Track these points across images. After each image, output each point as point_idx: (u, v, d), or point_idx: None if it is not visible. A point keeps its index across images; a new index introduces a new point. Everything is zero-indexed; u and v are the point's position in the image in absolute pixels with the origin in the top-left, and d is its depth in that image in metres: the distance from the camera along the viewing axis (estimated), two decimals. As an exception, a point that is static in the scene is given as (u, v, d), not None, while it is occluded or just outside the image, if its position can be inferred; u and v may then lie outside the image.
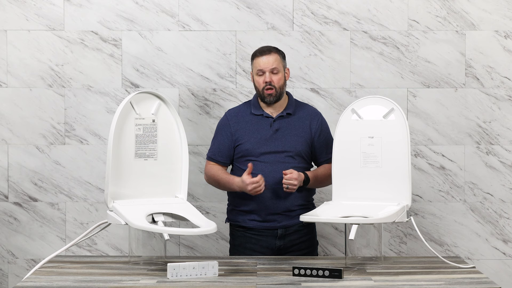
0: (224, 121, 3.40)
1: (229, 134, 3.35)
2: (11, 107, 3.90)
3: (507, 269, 3.93)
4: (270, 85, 3.28)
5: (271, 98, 3.30)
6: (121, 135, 2.97)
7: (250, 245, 3.32)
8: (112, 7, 3.89)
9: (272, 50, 3.32)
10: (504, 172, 3.92)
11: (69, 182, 3.91)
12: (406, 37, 3.90)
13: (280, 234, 3.31)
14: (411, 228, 3.90)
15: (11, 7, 3.88)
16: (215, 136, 3.41)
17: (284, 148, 3.30)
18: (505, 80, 3.91)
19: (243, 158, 3.32)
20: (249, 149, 3.30)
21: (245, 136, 3.33)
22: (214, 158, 3.37)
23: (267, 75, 3.28)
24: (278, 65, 3.30)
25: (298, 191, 3.28)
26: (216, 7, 3.89)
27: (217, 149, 3.37)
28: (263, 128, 3.33)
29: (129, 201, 2.96)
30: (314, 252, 3.40)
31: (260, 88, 3.30)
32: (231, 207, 3.40)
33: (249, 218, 3.32)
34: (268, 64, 3.28)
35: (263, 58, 3.29)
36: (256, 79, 3.31)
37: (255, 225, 3.31)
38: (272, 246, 3.31)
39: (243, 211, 3.33)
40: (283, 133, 3.32)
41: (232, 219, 3.39)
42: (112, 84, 3.89)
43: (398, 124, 3.05)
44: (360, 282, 2.66)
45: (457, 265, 2.91)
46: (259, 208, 3.28)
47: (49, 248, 3.89)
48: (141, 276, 2.75)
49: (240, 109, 3.41)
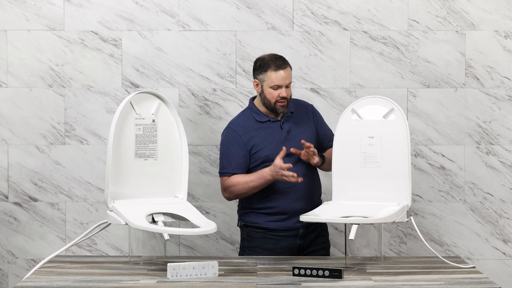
0: (232, 134, 3.34)
1: (243, 145, 3.30)
2: (11, 107, 3.90)
3: (507, 269, 3.93)
4: (285, 98, 3.28)
5: (284, 109, 3.31)
6: (121, 135, 2.98)
7: (269, 246, 3.31)
8: (112, 7, 3.89)
9: (287, 64, 3.30)
10: (504, 172, 3.92)
11: (69, 182, 3.91)
12: (406, 37, 3.90)
13: (302, 233, 3.31)
14: (411, 228, 3.90)
15: (11, 7, 3.87)
16: (226, 152, 3.33)
17: (299, 147, 3.30)
18: (505, 80, 3.91)
19: (262, 164, 3.29)
20: (268, 155, 3.28)
21: (260, 143, 3.31)
22: (235, 173, 3.29)
23: (284, 90, 3.27)
24: (291, 78, 3.31)
25: (317, 187, 3.34)
26: (216, 7, 3.89)
27: (234, 163, 3.30)
28: (275, 132, 3.33)
29: (129, 201, 2.96)
30: (327, 249, 3.43)
31: (273, 101, 3.28)
32: (247, 210, 3.37)
33: (270, 219, 3.31)
34: (285, 80, 3.27)
35: (281, 73, 3.26)
36: (269, 91, 3.27)
37: (277, 226, 3.31)
38: (293, 245, 3.31)
39: (263, 213, 3.32)
40: (295, 133, 3.34)
41: (249, 221, 3.36)
42: (112, 84, 3.89)
43: (398, 124, 3.05)
44: (360, 282, 2.66)
45: (457, 265, 2.91)
46: (283, 210, 3.29)
47: (49, 248, 3.89)
48: (141, 276, 2.75)
49: (243, 119, 3.38)
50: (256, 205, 3.33)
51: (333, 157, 3.13)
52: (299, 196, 3.30)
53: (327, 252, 3.43)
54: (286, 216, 3.30)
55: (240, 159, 3.30)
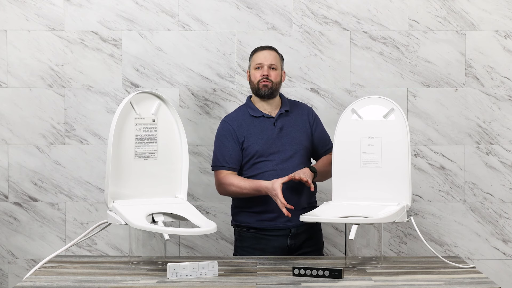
0: (225, 127, 3.36)
1: (236, 138, 3.32)
2: (11, 107, 3.90)
3: (507, 269, 3.93)
4: (267, 79, 3.31)
5: (266, 89, 3.31)
6: (121, 135, 2.97)
7: (260, 246, 3.31)
8: (112, 7, 3.89)
9: (273, 48, 3.38)
10: (504, 172, 3.92)
11: (69, 182, 3.91)
12: (406, 37, 3.90)
13: (293, 233, 3.30)
14: (411, 228, 3.90)
15: (11, 7, 3.88)
16: (219, 145, 3.35)
17: (291, 145, 3.31)
18: (505, 80, 3.91)
19: (252, 160, 3.31)
20: (258, 150, 3.30)
21: (251, 137, 3.32)
22: (227, 166, 3.31)
23: (265, 68, 3.32)
24: (276, 63, 3.35)
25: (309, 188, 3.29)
26: (216, 7, 3.89)
27: (228, 156, 3.31)
28: (267, 128, 3.34)
29: (129, 201, 2.96)
30: (320, 250, 3.42)
31: (256, 81, 3.33)
32: (239, 209, 3.38)
33: (261, 218, 3.31)
34: (267, 59, 3.33)
35: (263, 53, 3.34)
36: (253, 73, 3.34)
37: (267, 226, 3.31)
38: (284, 245, 3.30)
39: (254, 212, 3.33)
40: (287, 131, 3.34)
41: (241, 221, 3.37)
42: (112, 84, 3.89)
43: (398, 124, 3.05)
44: (360, 282, 2.66)
45: (457, 265, 2.91)
46: (272, 208, 3.28)
47: (49, 248, 3.89)
48: (141, 276, 2.75)
49: (238, 114, 3.40)
50: (246, 204, 3.34)
51: (333, 157, 3.13)
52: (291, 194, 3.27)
53: (320, 254, 3.42)
54: (275, 215, 3.28)
55: (234, 153, 3.31)
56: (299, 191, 3.29)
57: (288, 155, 3.30)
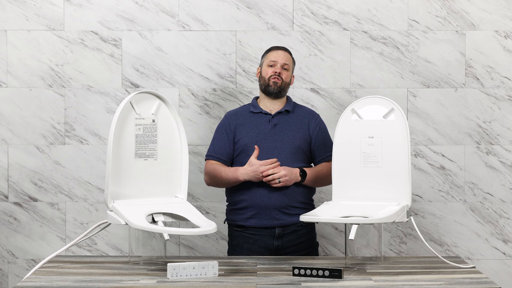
0: (223, 121, 3.43)
1: (229, 131, 3.37)
2: (11, 107, 3.90)
3: (507, 269, 3.93)
4: (279, 76, 3.34)
5: (276, 87, 3.35)
6: (121, 135, 2.97)
7: (248, 245, 3.32)
8: (112, 7, 3.89)
9: (288, 51, 3.44)
10: (504, 172, 3.92)
11: (69, 182, 3.91)
12: (406, 37, 3.90)
13: (278, 233, 3.30)
14: (411, 228, 3.90)
15: (11, 7, 3.88)
16: (214, 137, 3.43)
17: (283, 143, 3.31)
18: (505, 80, 3.91)
19: (241, 154, 3.32)
20: (247, 143, 3.31)
21: (243, 131, 3.34)
22: (215, 156, 3.36)
23: (278, 66, 3.36)
24: (290, 64, 3.40)
25: (296, 185, 3.28)
26: (216, 7, 3.89)
27: (217, 147, 3.37)
28: (261, 123, 3.35)
29: (129, 201, 2.96)
30: (313, 253, 3.40)
31: (267, 76, 3.35)
32: (230, 207, 3.40)
33: (246, 216, 3.31)
34: (282, 59, 3.38)
35: (278, 52, 3.40)
36: (265, 69, 3.38)
37: (252, 223, 3.31)
38: (270, 246, 3.30)
39: (240, 208, 3.33)
40: (282, 128, 3.34)
41: (230, 219, 3.39)
42: (112, 84, 3.89)
43: (398, 124, 3.05)
44: (360, 282, 2.66)
45: (457, 265, 2.91)
46: (256, 204, 3.27)
47: (49, 248, 3.89)
48: (141, 276, 2.75)
49: (239, 110, 3.46)
50: (235, 201, 3.35)
51: (333, 157, 3.13)
52: (276, 192, 3.27)
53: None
54: (257, 211, 3.28)
55: (224, 144, 3.35)
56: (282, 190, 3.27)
57: (277, 152, 3.29)
